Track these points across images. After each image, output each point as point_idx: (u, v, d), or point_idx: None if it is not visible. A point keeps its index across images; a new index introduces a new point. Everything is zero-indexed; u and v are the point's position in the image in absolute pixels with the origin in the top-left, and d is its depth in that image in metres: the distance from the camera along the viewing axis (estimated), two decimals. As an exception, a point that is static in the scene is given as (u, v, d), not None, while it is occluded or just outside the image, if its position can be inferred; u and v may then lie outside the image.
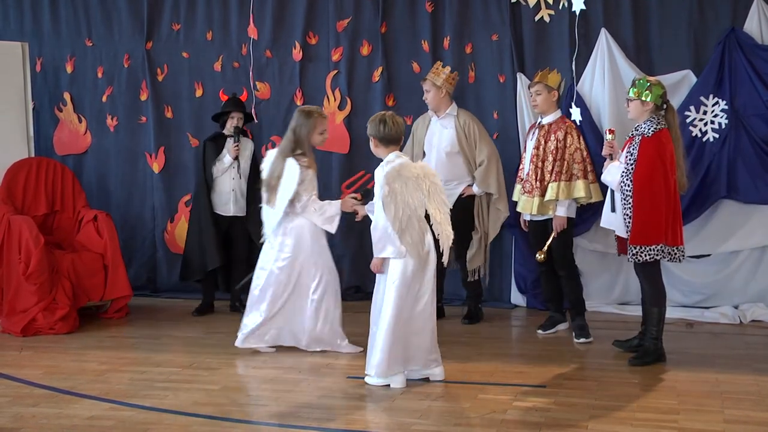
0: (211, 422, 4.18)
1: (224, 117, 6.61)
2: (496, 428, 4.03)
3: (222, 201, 6.57)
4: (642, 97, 5.01)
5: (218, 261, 6.53)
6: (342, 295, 7.11)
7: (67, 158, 7.52)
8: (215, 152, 6.55)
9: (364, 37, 7.01)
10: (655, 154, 4.93)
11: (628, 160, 5.00)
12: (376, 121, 4.78)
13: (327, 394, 4.62)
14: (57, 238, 6.81)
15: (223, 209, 6.57)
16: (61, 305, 6.14)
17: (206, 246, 6.55)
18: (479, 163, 6.11)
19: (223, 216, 6.57)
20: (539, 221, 5.84)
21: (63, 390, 4.72)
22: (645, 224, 4.91)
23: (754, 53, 6.13)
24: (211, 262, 6.55)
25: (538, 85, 5.81)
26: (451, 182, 6.06)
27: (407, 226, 4.64)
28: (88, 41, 7.50)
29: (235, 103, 6.68)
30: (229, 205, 6.57)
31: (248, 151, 6.64)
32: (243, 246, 6.62)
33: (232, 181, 6.56)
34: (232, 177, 6.55)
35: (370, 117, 4.88)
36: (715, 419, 4.11)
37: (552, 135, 5.72)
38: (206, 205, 6.54)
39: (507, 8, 6.65)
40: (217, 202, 6.56)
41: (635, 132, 5.07)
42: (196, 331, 6.17)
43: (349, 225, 7.09)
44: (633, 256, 4.96)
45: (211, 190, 6.54)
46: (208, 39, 7.28)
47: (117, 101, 7.48)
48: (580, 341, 5.65)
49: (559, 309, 6.00)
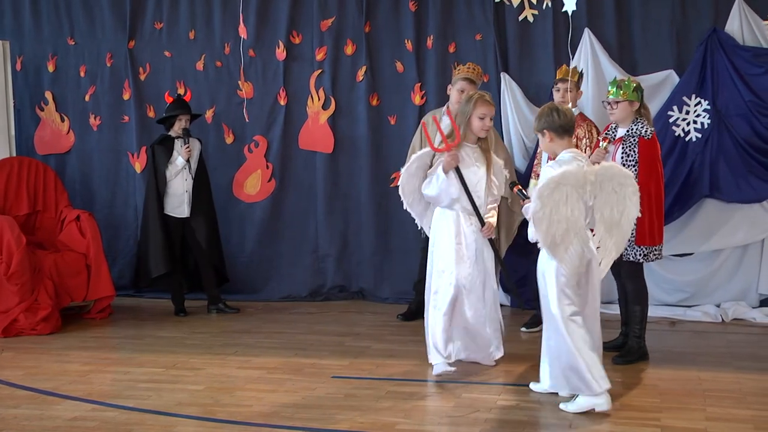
0: (194, 422, 4.17)
1: (171, 119, 6.59)
2: (480, 427, 4.03)
3: (176, 203, 6.56)
4: (630, 98, 5.03)
5: (164, 267, 6.53)
6: (326, 296, 7.19)
7: (48, 158, 7.48)
8: (166, 155, 6.54)
9: (348, 37, 7.00)
10: (656, 156, 5.00)
11: (626, 162, 4.99)
12: (546, 112, 4.36)
13: (311, 394, 4.61)
14: (39, 238, 6.76)
15: (177, 211, 6.57)
16: (44, 306, 6.10)
17: (151, 252, 6.56)
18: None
19: (177, 218, 6.57)
20: None
21: (45, 391, 4.69)
22: (652, 225, 4.94)
23: (735, 53, 6.17)
24: (156, 269, 6.55)
25: (569, 82, 5.72)
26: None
27: (561, 241, 4.15)
28: (70, 40, 7.46)
29: (181, 104, 6.67)
30: (183, 206, 6.57)
31: (196, 152, 6.65)
32: (202, 246, 6.63)
33: (185, 183, 6.56)
34: (185, 179, 6.56)
35: (538, 111, 4.47)
36: (697, 417, 4.14)
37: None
38: (154, 209, 6.53)
39: (491, 8, 6.67)
40: (170, 204, 6.56)
41: (627, 134, 5.05)
42: (179, 332, 6.15)
43: (331, 224, 7.11)
44: (644, 257, 4.98)
45: (163, 194, 6.54)
46: (190, 38, 7.25)
47: (100, 100, 7.44)
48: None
49: None
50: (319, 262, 7.20)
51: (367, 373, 5.00)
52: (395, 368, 5.07)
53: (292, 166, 7.16)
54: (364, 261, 7.11)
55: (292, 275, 7.20)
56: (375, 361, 5.25)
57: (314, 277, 7.19)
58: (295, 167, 7.16)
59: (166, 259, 6.54)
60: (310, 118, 7.10)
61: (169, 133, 6.61)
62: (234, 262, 7.11)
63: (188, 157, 6.52)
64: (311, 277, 7.19)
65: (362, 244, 7.09)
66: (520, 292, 5.93)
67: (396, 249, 6.77)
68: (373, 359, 5.30)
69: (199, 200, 6.62)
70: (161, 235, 6.53)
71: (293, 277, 7.20)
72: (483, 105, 4.87)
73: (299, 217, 7.17)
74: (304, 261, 7.19)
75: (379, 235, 7.01)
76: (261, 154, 7.18)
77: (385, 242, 6.99)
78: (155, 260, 6.55)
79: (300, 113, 7.12)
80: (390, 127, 6.95)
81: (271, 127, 7.17)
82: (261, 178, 7.19)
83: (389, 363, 5.19)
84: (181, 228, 6.61)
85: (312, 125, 7.10)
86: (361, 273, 7.15)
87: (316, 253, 7.19)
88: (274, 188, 7.18)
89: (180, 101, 6.73)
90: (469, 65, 6.04)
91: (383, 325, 6.28)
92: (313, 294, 7.18)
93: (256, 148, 7.19)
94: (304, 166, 7.16)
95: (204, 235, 6.62)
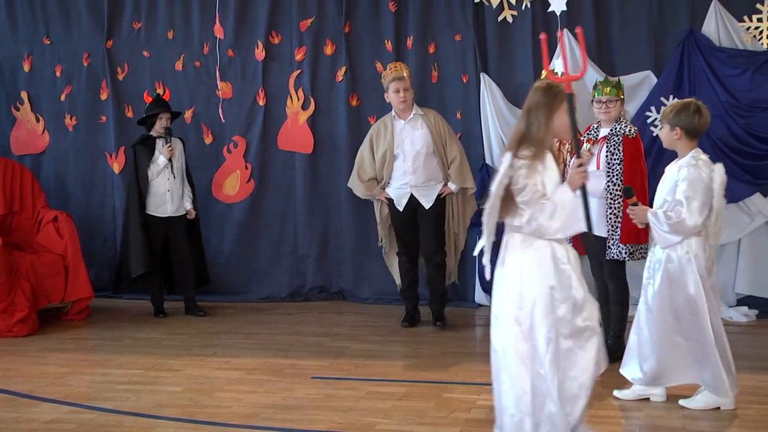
0: (174, 424, 4.15)
1: (151, 119, 6.55)
2: (460, 427, 4.04)
3: (158, 203, 6.53)
4: (622, 97, 5.10)
5: (143, 268, 6.49)
6: (306, 296, 7.18)
7: (24, 158, 7.40)
8: (147, 155, 6.51)
9: (328, 37, 6.99)
10: (640, 154, 5.04)
11: (611, 160, 5.02)
12: (690, 110, 4.18)
13: (291, 395, 4.60)
14: (16, 239, 6.70)
15: (159, 211, 6.53)
16: (20, 307, 6.04)
17: (131, 253, 6.53)
18: (451, 161, 6.06)
19: (159, 218, 6.53)
20: None
21: (22, 394, 4.65)
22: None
23: (711, 55, 6.24)
24: (135, 269, 6.51)
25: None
26: (429, 182, 6.04)
27: None
28: (46, 39, 7.39)
29: (161, 103, 6.65)
30: (165, 206, 6.54)
31: (179, 150, 6.62)
32: (183, 246, 6.60)
33: (167, 182, 6.53)
34: (167, 178, 6.53)
35: (674, 105, 4.30)
36: (675, 415, 4.17)
37: None
38: (135, 209, 6.50)
39: (470, 8, 6.68)
40: (153, 204, 6.52)
41: (610, 133, 5.07)
42: (158, 333, 6.12)
43: (311, 224, 7.10)
44: (629, 256, 4.99)
45: (146, 194, 6.50)
46: (169, 38, 7.21)
47: (76, 100, 7.37)
48: None
49: None
50: (298, 262, 7.18)
51: (346, 373, 5.00)
52: (375, 369, 5.08)
53: (271, 166, 7.14)
54: (344, 261, 7.11)
55: (271, 276, 7.18)
56: (355, 361, 5.25)
57: (294, 277, 7.18)
58: (274, 168, 7.14)
59: (147, 259, 6.49)
60: (289, 119, 7.09)
61: (150, 133, 6.57)
62: (213, 263, 7.07)
63: (170, 156, 6.48)
64: (291, 278, 7.17)
65: (342, 244, 7.09)
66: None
67: (376, 250, 6.76)
68: (352, 360, 5.30)
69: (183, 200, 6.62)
70: (141, 235, 6.48)
71: (273, 278, 7.18)
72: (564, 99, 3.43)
73: (279, 218, 7.16)
74: (284, 262, 7.18)
75: (358, 236, 7.01)
76: (240, 154, 7.15)
77: (364, 243, 6.98)
78: (135, 260, 6.51)
79: (279, 113, 7.10)
80: (370, 128, 6.94)
81: (250, 128, 7.14)
82: (240, 179, 7.16)
83: (369, 363, 5.19)
84: (163, 227, 6.56)
85: (291, 125, 7.09)
86: (340, 273, 7.14)
87: (296, 253, 7.18)
88: (253, 189, 7.16)
89: (159, 100, 6.70)
90: (391, 65, 6.11)
91: (363, 325, 6.27)
92: (293, 295, 7.16)
93: (235, 149, 7.16)
94: (284, 166, 7.14)
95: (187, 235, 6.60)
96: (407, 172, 5.99)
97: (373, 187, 6.14)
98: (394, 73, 5.97)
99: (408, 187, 6.02)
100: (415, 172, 5.98)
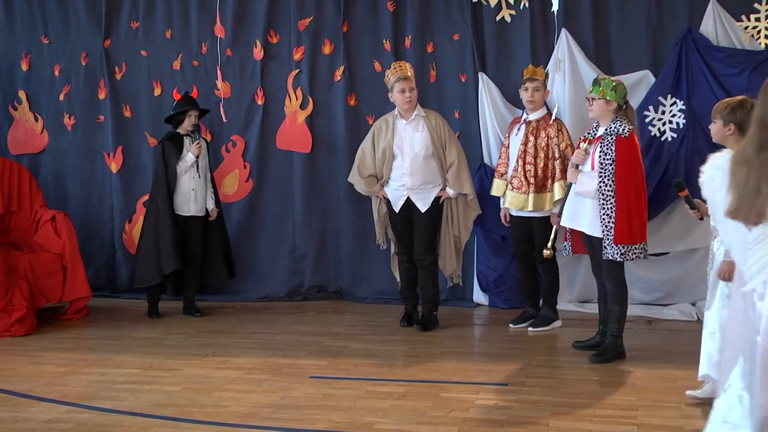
0: (171, 423, 4.15)
1: (180, 116, 6.54)
2: (458, 427, 4.04)
3: (182, 201, 6.51)
4: (606, 97, 5.06)
5: (175, 264, 6.44)
6: (304, 296, 7.18)
7: (22, 157, 7.39)
8: (176, 151, 6.49)
9: (326, 36, 6.99)
10: (634, 154, 5.02)
11: (603, 160, 5.02)
12: (746, 108, 4.04)
13: (289, 395, 4.60)
14: (14, 239, 6.70)
15: (183, 209, 6.51)
16: (18, 307, 6.04)
17: (162, 249, 6.47)
18: (449, 164, 6.01)
19: (182, 216, 6.51)
20: (523, 217, 5.91)
21: (20, 393, 4.65)
22: (631, 224, 4.96)
23: (709, 54, 6.24)
24: (167, 266, 6.47)
25: (537, 81, 5.82)
26: (426, 185, 6.02)
27: None
28: (44, 38, 7.38)
29: (190, 101, 6.63)
30: (189, 204, 6.52)
31: (205, 150, 6.61)
32: (197, 247, 6.58)
33: (192, 181, 6.51)
34: (192, 176, 6.51)
35: (729, 102, 4.18)
36: (672, 415, 4.17)
37: (542, 132, 5.79)
38: (165, 206, 6.46)
39: (468, 8, 6.68)
40: (177, 202, 6.51)
41: (605, 132, 5.08)
42: (156, 332, 6.11)
43: (309, 224, 7.10)
44: (621, 256, 4.98)
45: (173, 191, 6.49)
46: (167, 37, 7.20)
47: (74, 100, 7.36)
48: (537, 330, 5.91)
49: (535, 305, 6.07)
50: (297, 262, 7.18)
51: (345, 372, 5.00)
52: (373, 368, 5.08)
53: (269, 165, 7.14)
54: (343, 261, 7.11)
55: (270, 275, 7.18)
56: (353, 360, 5.25)
57: (292, 277, 7.17)
58: (272, 167, 7.14)
59: (180, 255, 6.46)
60: (287, 118, 7.08)
61: (177, 131, 6.56)
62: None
63: (198, 153, 6.47)
64: (289, 277, 7.17)
65: (340, 244, 7.08)
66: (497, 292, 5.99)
67: (374, 249, 6.76)
68: (351, 359, 5.30)
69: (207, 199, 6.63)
70: (171, 232, 6.43)
71: (271, 278, 7.17)
72: None
73: (277, 217, 7.15)
74: (282, 261, 7.17)
75: (357, 235, 7.00)
76: (238, 154, 7.15)
77: (363, 242, 6.98)
78: (167, 256, 6.42)
79: (277, 113, 7.10)
80: (368, 127, 6.89)
81: (248, 127, 7.14)
82: (238, 178, 7.16)
83: (367, 363, 5.19)
84: (183, 225, 6.52)
85: (290, 125, 7.08)
86: (339, 273, 7.14)
87: (294, 253, 7.17)
88: (252, 188, 7.16)
89: (188, 98, 6.66)
90: (395, 65, 6.06)
91: (361, 324, 6.27)
92: (291, 294, 7.16)
93: (233, 148, 7.16)
94: (282, 165, 7.14)
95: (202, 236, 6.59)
96: (404, 173, 5.98)
97: (372, 184, 6.13)
98: (399, 72, 5.92)
99: (405, 190, 6.01)
100: (412, 174, 5.96)
